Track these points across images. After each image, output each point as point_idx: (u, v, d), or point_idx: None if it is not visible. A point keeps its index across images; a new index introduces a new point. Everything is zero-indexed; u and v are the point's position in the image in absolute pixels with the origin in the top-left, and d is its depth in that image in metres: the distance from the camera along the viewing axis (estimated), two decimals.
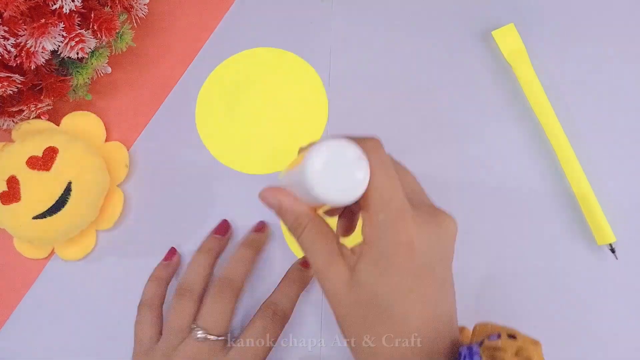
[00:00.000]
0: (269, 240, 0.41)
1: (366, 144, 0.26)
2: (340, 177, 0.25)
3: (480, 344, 0.26)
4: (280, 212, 0.29)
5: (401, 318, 0.26)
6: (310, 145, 0.29)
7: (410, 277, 0.26)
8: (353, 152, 0.25)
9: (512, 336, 0.26)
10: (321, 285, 0.28)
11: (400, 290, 0.26)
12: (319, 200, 0.25)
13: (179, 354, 0.34)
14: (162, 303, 0.38)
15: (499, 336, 0.27)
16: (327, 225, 0.29)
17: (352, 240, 0.31)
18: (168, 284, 0.39)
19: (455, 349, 0.27)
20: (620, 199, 0.39)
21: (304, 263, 0.39)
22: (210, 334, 0.34)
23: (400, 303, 0.26)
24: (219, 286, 0.36)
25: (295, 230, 0.28)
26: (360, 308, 0.26)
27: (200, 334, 0.34)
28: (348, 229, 0.32)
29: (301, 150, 0.31)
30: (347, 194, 0.25)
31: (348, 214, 0.32)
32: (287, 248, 0.41)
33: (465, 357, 0.25)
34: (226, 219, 0.41)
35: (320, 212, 0.30)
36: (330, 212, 0.33)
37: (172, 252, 0.41)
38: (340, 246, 0.28)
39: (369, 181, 0.25)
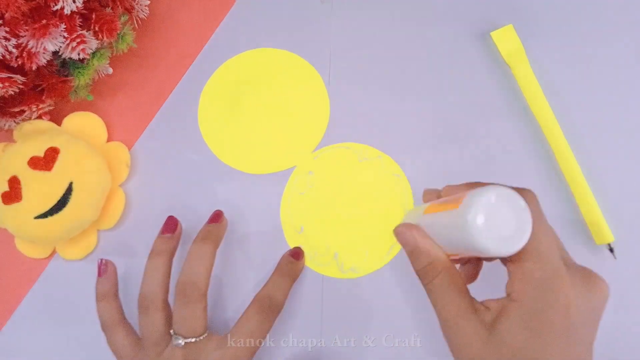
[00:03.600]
0: (226, 231, 0.39)
1: (525, 195, 0.25)
2: (503, 227, 0.23)
3: None
4: (414, 252, 0.27)
5: None
6: (462, 186, 0.27)
7: (562, 341, 0.24)
8: (517, 202, 0.24)
9: None
10: (448, 337, 0.26)
11: (550, 354, 0.24)
12: (474, 250, 0.24)
13: None
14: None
15: None
16: (461, 276, 0.27)
17: None
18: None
19: None
20: (618, 199, 0.39)
21: (294, 254, 0.39)
22: (189, 338, 0.34)
23: None
24: (183, 292, 0.34)
25: (426, 275, 0.27)
26: None
27: (179, 341, 0.34)
28: (471, 278, 0.31)
29: (427, 192, 0.29)
30: (508, 246, 0.23)
31: (474, 262, 0.31)
32: (287, 246, 0.41)
33: None
34: (172, 215, 0.39)
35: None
36: (458, 259, 0.31)
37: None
38: (473, 300, 0.27)
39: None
